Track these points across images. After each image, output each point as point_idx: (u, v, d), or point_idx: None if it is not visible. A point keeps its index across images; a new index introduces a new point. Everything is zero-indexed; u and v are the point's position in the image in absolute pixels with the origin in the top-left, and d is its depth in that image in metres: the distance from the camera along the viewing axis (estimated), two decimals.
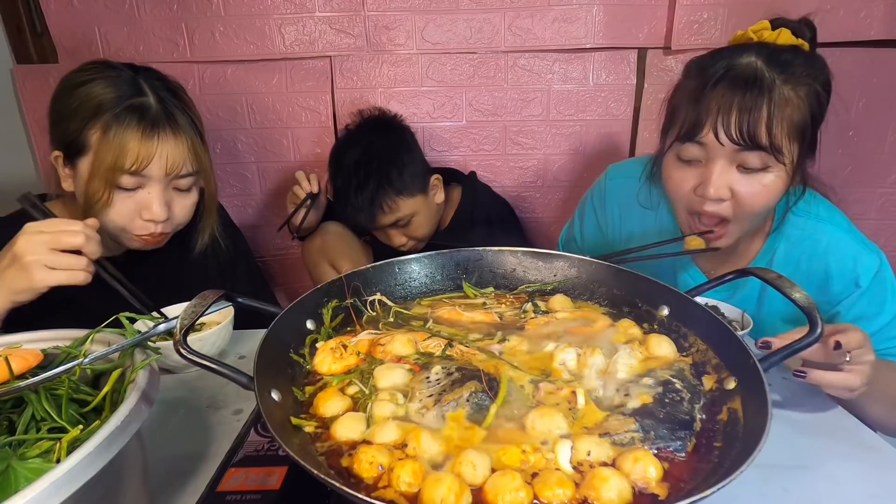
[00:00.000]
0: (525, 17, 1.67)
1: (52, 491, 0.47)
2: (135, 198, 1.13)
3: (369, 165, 1.56)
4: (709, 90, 1.04)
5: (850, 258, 1.13)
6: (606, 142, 1.82)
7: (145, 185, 1.13)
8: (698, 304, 0.83)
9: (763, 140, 1.01)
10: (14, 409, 0.68)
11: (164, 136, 1.12)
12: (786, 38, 1.08)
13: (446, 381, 0.72)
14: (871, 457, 0.84)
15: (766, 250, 1.21)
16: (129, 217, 1.14)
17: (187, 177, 1.18)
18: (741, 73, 1.03)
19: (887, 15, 1.59)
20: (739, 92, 1.01)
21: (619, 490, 0.56)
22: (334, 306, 0.88)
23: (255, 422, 0.81)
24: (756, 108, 1.00)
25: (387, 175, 1.56)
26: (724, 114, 1.02)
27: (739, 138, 1.01)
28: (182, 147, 1.15)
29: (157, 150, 1.11)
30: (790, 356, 0.71)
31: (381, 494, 0.57)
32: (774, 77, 1.02)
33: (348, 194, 1.58)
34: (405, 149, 1.62)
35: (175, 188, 1.18)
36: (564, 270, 0.98)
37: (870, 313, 1.11)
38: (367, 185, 1.55)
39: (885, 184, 1.78)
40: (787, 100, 1.02)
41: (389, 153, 1.58)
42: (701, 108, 1.04)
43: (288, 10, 1.66)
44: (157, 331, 0.74)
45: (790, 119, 1.02)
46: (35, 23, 1.68)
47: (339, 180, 1.61)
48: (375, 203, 1.56)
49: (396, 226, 1.63)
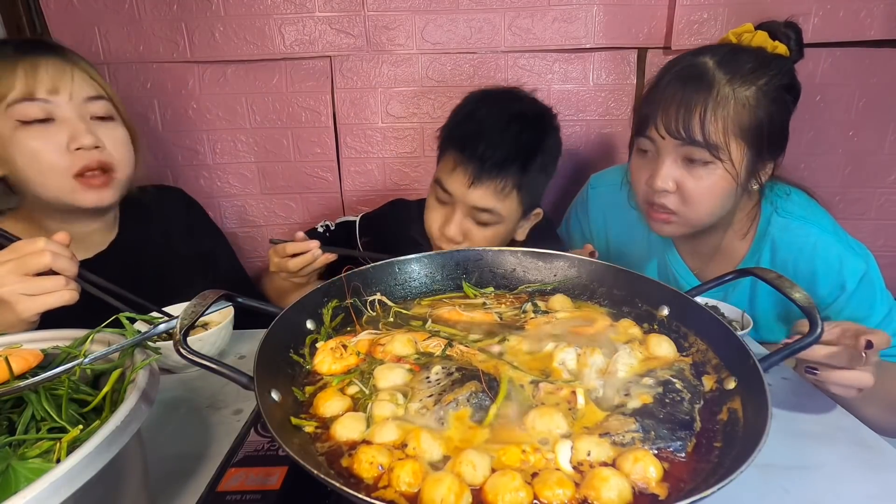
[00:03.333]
0: (525, 17, 1.67)
1: (52, 491, 0.47)
2: (51, 132, 1.09)
3: (518, 131, 1.26)
4: (660, 87, 1.11)
5: (835, 261, 1.14)
6: (606, 142, 1.81)
7: (55, 115, 1.10)
8: (698, 304, 0.83)
9: (697, 135, 1.05)
10: (14, 409, 0.68)
11: (46, 58, 1.10)
12: (759, 41, 1.12)
13: (446, 381, 0.72)
14: (871, 457, 0.84)
15: (754, 251, 1.22)
16: (56, 154, 1.09)
17: (97, 100, 1.15)
18: (688, 72, 1.08)
19: (887, 15, 1.59)
20: (681, 88, 1.07)
21: (619, 490, 0.56)
22: (334, 306, 0.88)
23: (255, 422, 0.81)
24: (693, 104, 1.05)
25: (527, 156, 1.27)
26: (664, 109, 1.08)
27: (676, 133, 1.06)
28: (74, 68, 1.12)
29: (42, 69, 1.08)
30: (790, 356, 0.71)
31: (381, 494, 0.57)
32: (719, 76, 1.06)
33: (467, 133, 1.27)
34: (552, 153, 1.36)
35: (93, 117, 1.15)
36: (564, 270, 0.98)
37: (859, 316, 1.12)
38: (496, 146, 1.23)
39: (884, 184, 1.78)
40: (727, 98, 1.05)
41: (542, 145, 1.31)
42: (650, 105, 1.11)
43: (288, 10, 1.65)
44: (157, 331, 0.74)
45: (731, 118, 1.05)
46: (35, 23, 1.67)
47: (469, 113, 1.31)
48: (488, 167, 1.23)
49: (473, 213, 1.29)
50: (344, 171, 1.83)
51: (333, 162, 1.82)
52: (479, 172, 1.24)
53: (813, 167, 1.74)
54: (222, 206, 1.85)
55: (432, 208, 1.37)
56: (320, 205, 1.88)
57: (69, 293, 0.90)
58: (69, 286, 0.90)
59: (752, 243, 1.23)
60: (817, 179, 1.71)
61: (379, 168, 1.84)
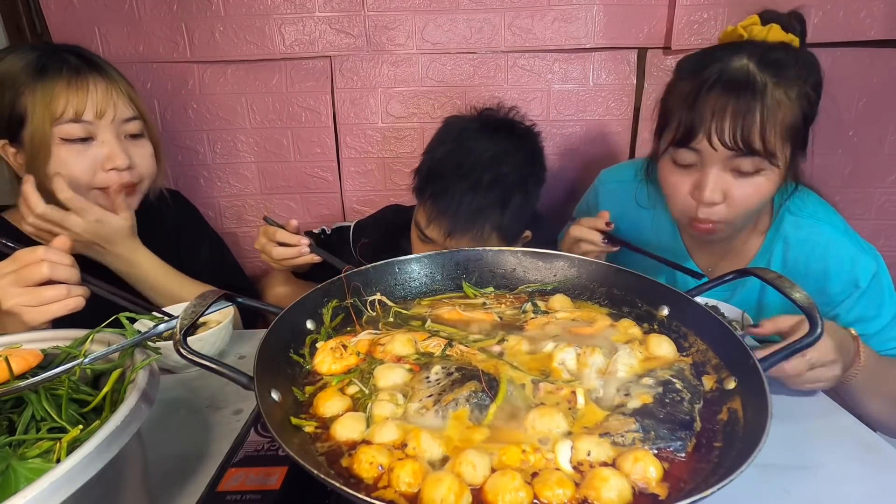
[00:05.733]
0: (525, 17, 1.67)
1: (52, 491, 0.47)
2: (90, 151, 1.15)
3: (492, 179, 1.23)
4: (703, 95, 1.03)
5: (848, 259, 1.13)
6: (606, 142, 1.81)
7: (95, 134, 1.15)
8: (698, 304, 0.83)
9: (757, 145, 1.01)
10: (14, 409, 0.68)
11: (93, 81, 1.14)
12: (776, 35, 1.08)
13: (446, 381, 0.72)
14: (871, 457, 0.84)
15: (765, 250, 1.21)
16: (90, 172, 1.15)
17: (133, 120, 1.20)
18: (734, 78, 1.02)
19: (887, 15, 1.59)
20: (733, 97, 1.01)
21: (619, 490, 0.56)
22: (334, 306, 0.88)
23: (255, 422, 0.81)
24: (749, 113, 1.00)
25: (504, 201, 1.24)
26: (717, 120, 1.01)
27: (734, 144, 1.01)
28: (115, 90, 1.17)
29: (90, 93, 1.13)
30: (790, 356, 0.71)
31: (381, 494, 0.57)
32: (766, 80, 1.02)
33: (437, 190, 1.25)
34: (533, 180, 1.32)
35: (127, 135, 1.20)
36: (564, 270, 0.98)
37: (868, 315, 1.11)
38: (469, 199, 1.22)
39: (884, 184, 1.78)
40: (779, 102, 1.02)
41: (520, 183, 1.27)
42: (695, 114, 1.04)
43: (288, 10, 1.65)
44: (157, 331, 0.74)
45: (783, 121, 1.02)
46: (35, 23, 1.68)
47: (440, 161, 1.28)
48: (462, 222, 1.22)
49: None
50: (344, 171, 1.83)
51: (333, 162, 1.82)
52: (453, 227, 1.24)
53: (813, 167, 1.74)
54: (222, 206, 1.85)
55: (416, 247, 1.37)
56: (320, 205, 1.88)
57: (73, 301, 0.90)
58: (72, 293, 0.91)
59: (764, 241, 1.22)
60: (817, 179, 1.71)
61: (379, 168, 1.84)
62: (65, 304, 0.90)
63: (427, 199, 1.28)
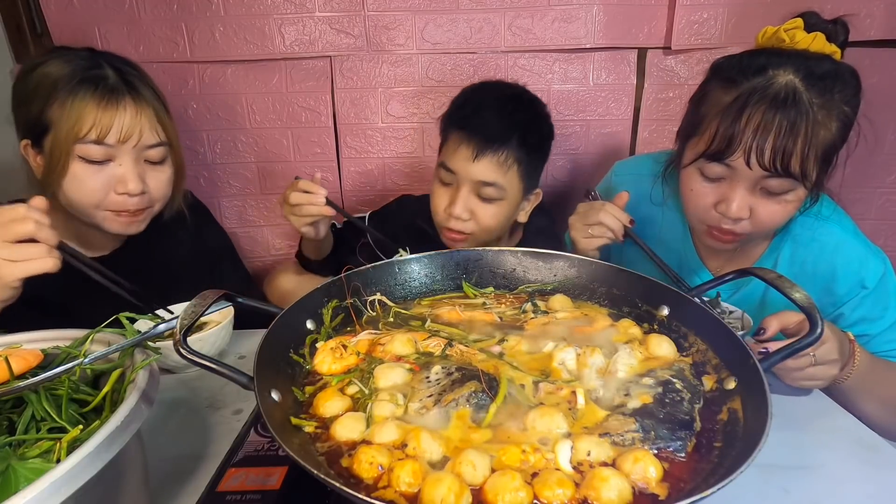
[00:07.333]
0: (525, 17, 1.67)
1: (52, 491, 0.47)
2: (105, 172, 1.13)
3: (514, 110, 1.35)
4: (745, 111, 0.98)
5: (856, 260, 1.12)
6: (606, 142, 1.81)
7: (115, 157, 1.13)
8: (698, 304, 0.83)
9: (795, 170, 0.98)
10: (14, 409, 0.68)
11: (124, 104, 1.12)
12: (819, 45, 1.02)
13: (446, 380, 0.72)
14: (870, 457, 0.84)
15: (772, 250, 1.21)
16: (102, 192, 1.13)
17: (156, 147, 1.18)
18: (779, 96, 0.97)
19: (887, 15, 1.59)
20: (777, 118, 0.96)
21: (619, 490, 0.56)
22: (334, 306, 0.88)
23: (255, 422, 0.81)
24: (792, 137, 0.96)
25: (525, 132, 1.34)
26: (759, 141, 0.97)
27: (771, 167, 0.98)
28: (145, 115, 1.15)
29: (118, 117, 1.11)
30: (790, 356, 0.71)
31: (381, 494, 0.57)
32: (812, 100, 0.97)
33: (467, 113, 1.36)
34: (547, 140, 1.45)
35: (147, 161, 1.18)
36: (564, 270, 0.98)
37: (873, 316, 1.11)
38: (498, 119, 1.33)
39: (885, 184, 1.78)
40: (821, 125, 0.98)
41: (538, 125, 1.41)
42: (735, 130, 0.98)
43: (288, 10, 1.65)
44: (157, 331, 0.74)
45: (822, 144, 0.99)
46: (35, 23, 1.67)
47: (468, 97, 1.41)
48: (489, 139, 1.30)
49: (478, 189, 1.34)
50: (344, 171, 1.83)
51: (333, 162, 1.82)
52: (481, 146, 1.31)
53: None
54: (222, 206, 1.85)
55: (437, 193, 1.41)
56: None
57: (52, 260, 0.91)
58: (52, 254, 0.91)
59: (772, 240, 1.21)
60: None
61: (379, 168, 1.84)
62: (43, 262, 0.90)
63: (458, 123, 1.37)
